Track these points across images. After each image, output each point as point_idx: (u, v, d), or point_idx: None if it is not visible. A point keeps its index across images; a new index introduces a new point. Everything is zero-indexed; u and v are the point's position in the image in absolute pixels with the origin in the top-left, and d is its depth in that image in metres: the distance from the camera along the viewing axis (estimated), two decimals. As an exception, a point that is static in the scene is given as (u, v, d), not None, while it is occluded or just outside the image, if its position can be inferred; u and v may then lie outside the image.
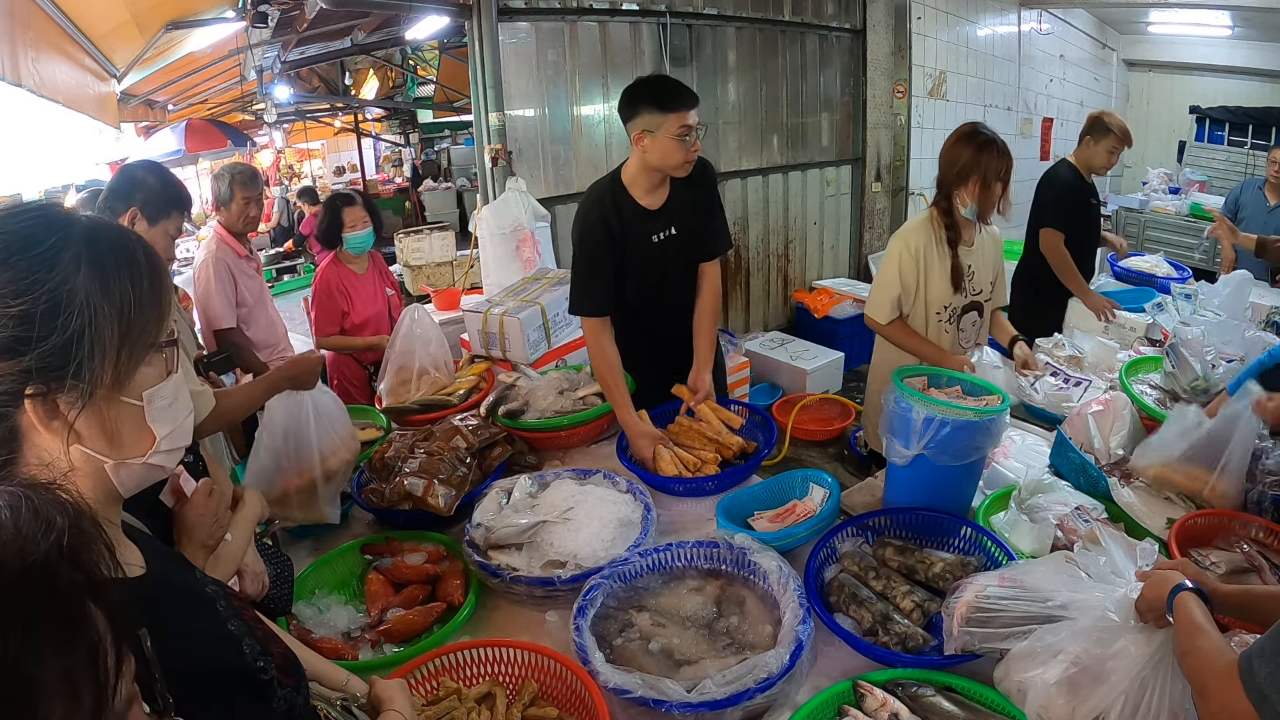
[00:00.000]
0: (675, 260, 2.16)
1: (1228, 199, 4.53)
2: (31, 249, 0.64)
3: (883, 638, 1.33)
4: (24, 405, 0.63)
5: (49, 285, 0.63)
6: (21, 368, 0.62)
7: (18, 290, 0.62)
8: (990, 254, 2.30)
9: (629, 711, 1.24)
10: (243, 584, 1.13)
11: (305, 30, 4.98)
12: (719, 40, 4.51)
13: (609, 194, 2.07)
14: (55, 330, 0.63)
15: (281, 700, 0.75)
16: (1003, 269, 2.37)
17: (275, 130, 9.02)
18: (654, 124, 1.93)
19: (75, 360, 0.64)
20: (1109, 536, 1.26)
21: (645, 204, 2.08)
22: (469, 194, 9.70)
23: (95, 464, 0.68)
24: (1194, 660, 0.92)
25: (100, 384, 0.66)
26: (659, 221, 2.10)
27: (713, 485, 1.90)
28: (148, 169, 2.00)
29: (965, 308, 2.28)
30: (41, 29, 3.07)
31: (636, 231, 2.08)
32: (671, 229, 2.12)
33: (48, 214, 0.68)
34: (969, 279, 2.24)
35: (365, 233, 2.93)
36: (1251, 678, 0.80)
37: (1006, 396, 1.64)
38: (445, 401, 2.37)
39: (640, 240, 2.09)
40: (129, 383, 0.69)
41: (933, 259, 2.20)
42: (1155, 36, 7.67)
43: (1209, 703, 0.87)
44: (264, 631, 0.80)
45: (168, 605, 0.71)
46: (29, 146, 7.39)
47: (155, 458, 0.72)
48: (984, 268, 2.27)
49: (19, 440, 0.64)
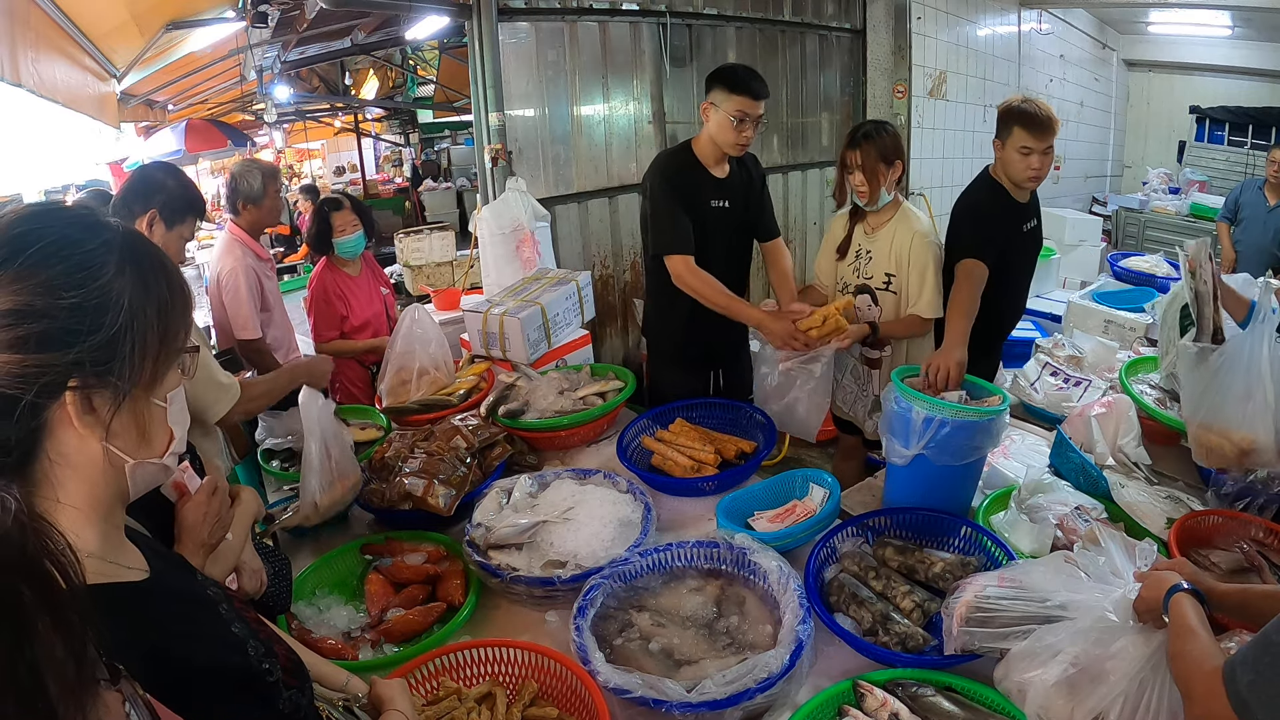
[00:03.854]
0: (725, 230, 2.41)
1: (1228, 199, 4.54)
2: (81, 247, 0.66)
3: (883, 638, 1.33)
4: (62, 399, 0.64)
5: (99, 283, 0.65)
6: (69, 359, 0.63)
7: (69, 284, 0.64)
8: (894, 250, 2.28)
9: (629, 711, 1.24)
10: (241, 581, 1.13)
11: (305, 30, 4.97)
12: (719, 40, 4.51)
13: (680, 156, 2.39)
14: (103, 326, 0.65)
15: (287, 702, 0.75)
16: (928, 278, 2.22)
17: (275, 130, 9.01)
18: (720, 100, 2.25)
19: (119, 358, 0.66)
20: (1109, 536, 1.26)
21: (714, 172, 2.38)
22: (469, 194, 9.68)
23: (116, 463, 0.69)
24: (1182, 664, 0.92)
25: (138, 383, 0.68)
26: (719, 191, 2.38)
27: (712, 485, 1.90)
28: (166, 172, 1.97)
29: (859, 288, 2.38)
30: (41, 29, 3.07)
31: (697, 194, 2.35)
32: (726, 202, 2.39)
33: (88, 217, 0.69)
34: (861, 259, 2.37)
35: (356, 236, 2.91)
36: (1234, 684, 0.81)
37: (1006, 396, 1.64)
38: (445, 401, 2.37)
39: (700, 203, 2.35)
40: (160, 384, 0.71)
41: (837, 230, 2.47)
42: (1155, 36, 7.66)
43: (1194, 707, 0.88)
44: (268, 634, 0.80)
45: (172, 609, 0.71)
46: (29, 146, 7.40)
47: (169, 458, 0.74)
48: (881, 259, 2.32)
49: (44, 435, 0.65)
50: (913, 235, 2.26)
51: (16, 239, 0.64)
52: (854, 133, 2.27)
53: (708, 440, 2.05)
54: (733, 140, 2.26)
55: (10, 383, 0.61)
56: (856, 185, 2.25)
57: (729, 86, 2.23)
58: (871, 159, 2.20)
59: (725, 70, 2.31)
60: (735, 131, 2.24)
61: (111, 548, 0.70)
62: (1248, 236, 4.24)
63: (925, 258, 2.24)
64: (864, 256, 2.36)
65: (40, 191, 8.05)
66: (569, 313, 2.76)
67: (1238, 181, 4.99)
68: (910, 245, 2.25)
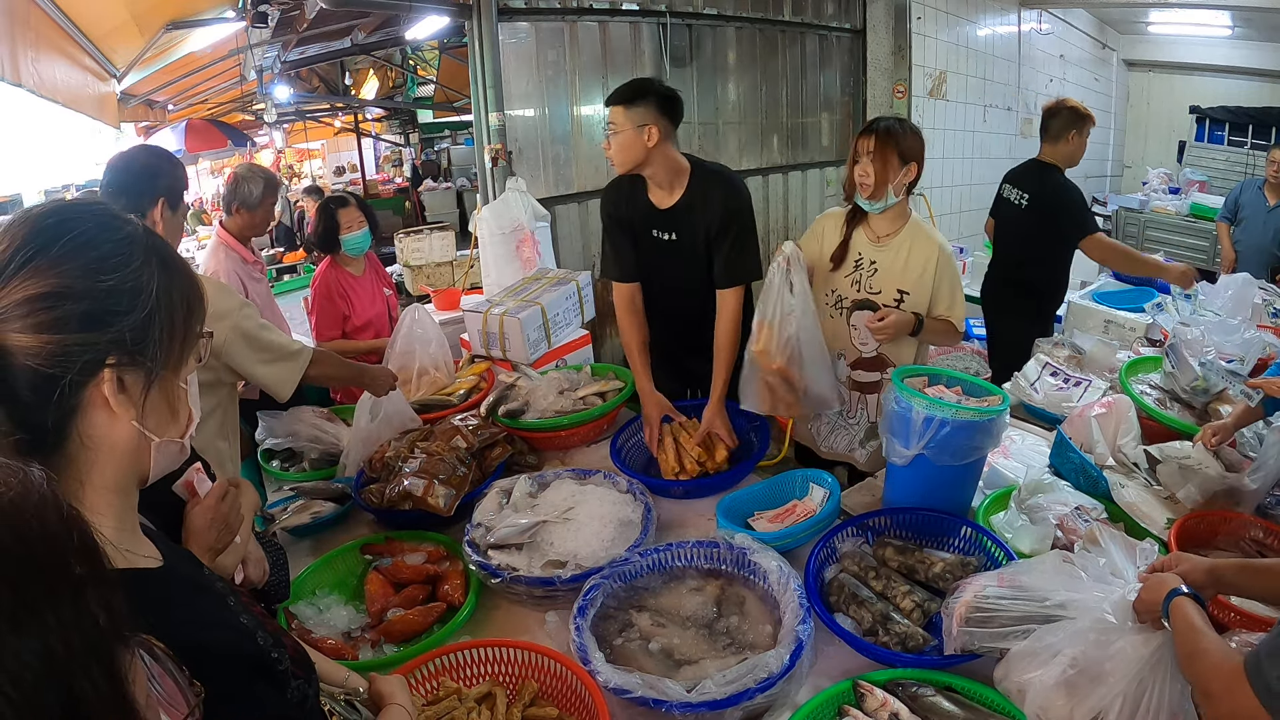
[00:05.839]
0: (672, 263, 2.18)
1: (1228, 199, 4.53)
2: (110, 236, 0.70)
3: (883, 638, 1.33)
4: (99, 378, 0.67)
5: (131, 268, 0.69)
6: (109, 338, 0.67)
7: (105, 268, 0.68)
8: (910, 265, 2.02)
9: (629, 711, 1.24)
10: (246, 570, 1.13)
11: (305, 30, 4.97)
12: (719, 40, 4.51)
13: (628, 179, 2.16)
14: (136, 307, 0.69)
15: (295, 692, 0.77)
16: (957, 292, 2.06)
17: (275, 130, 9.02)
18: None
19: (150, 339, 0.70)
20: (1109, 536, 1.26)
21: (654, 200, 2.16)
22: (469, 194, 9.67)
23: (141, 444, 0.72)
24: (1199, 663, 0.91)
25: (168, 364, 0.72)
26: (663, 221, 2.16)
27: (712, 485, 1.90)
28: (158, 155, 1.94)
29: (859, 303, 2.08)
30: (41, 29, 3.07)
31: (641, 222, 2.19)
32: (672, 234, 2.15)
33: (109, 211, 0.73)
34: (863, 271, 2.07)
35: (361, 233, 2.92)
36: (1260, 677, 0.80)
37: (1006, 396, 1.64)
38: (445, 401, 2.37)
39: (644, 233, 2.19)
40: (184, 366, 0.76)
41: (830, 233, 2.14)
42: (1155, 36, 7.66)
43: (1217, 705, 0.87)
44: (274, 626, 0.81)
45: (187, 596, 0.74)
46: (29, 146, 7.39)
47: (188, 438, 0.78)
48: (892, 273, 2.03)
49: (77, 416, 0.67)
50: (937, 249, 2.01)
51: (50, 228, 0.67)
52: (873, 121, 2.02)
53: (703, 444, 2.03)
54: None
55: (51, 362, 0.64)
56: (861, 177, 1.99)
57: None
58: (886, 152, 1.95)
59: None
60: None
61: (127, 534, 0.72)
62: (1247, 236, 4.24)
63: (953, 270, 2.04)
64: (867, 268, 2.07)
65: (40, 191, 8.04)
66: (569, 313, 2.76)
67: (1237, 181, 4.98)
68: (936, 259, 2.00)
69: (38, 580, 0.43)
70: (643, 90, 2.03)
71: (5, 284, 0.64)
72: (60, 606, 0.43)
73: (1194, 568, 1.08)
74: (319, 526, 1.86)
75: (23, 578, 0.42)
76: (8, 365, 0.64)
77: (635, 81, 2.08)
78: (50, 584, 0.44)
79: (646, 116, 2.00)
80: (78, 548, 0.46)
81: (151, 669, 0.54)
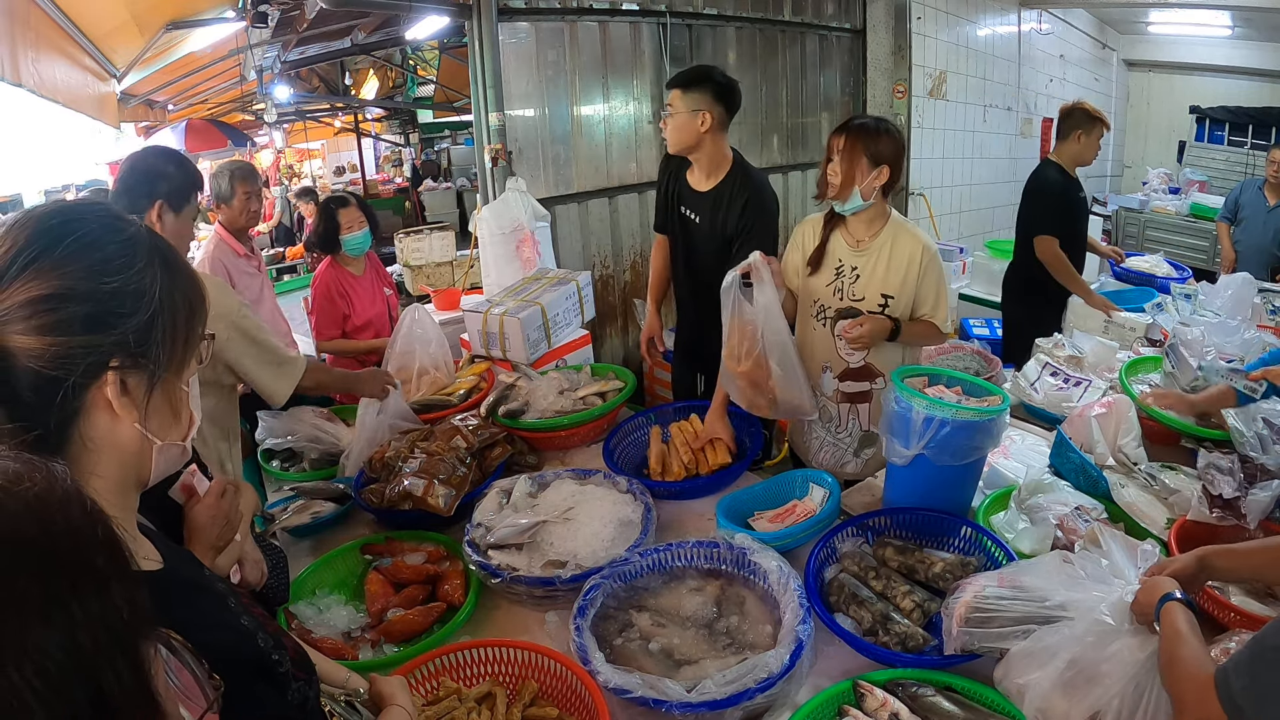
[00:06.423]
0: (692, 244, 2.37)
1: (1228, 199, 4.54)
2: (114, 238, 0.70)
3: (883, 638, 1.33)
4: (101, 380, 0.67)
5: (135, 269, 0.69)
6: (112, 340, 0.67)
7: (109, 270, 0.68)
8: (893, 267, 1.95)
9: (629, 711, 1.24)
10: (244, 572, 1.13)
11: (305, 30, 4.97)
12: (719, 40, 4.51)
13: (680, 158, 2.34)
14: (140, 309, 0.69)
15: (295, 693, 0.77)
16: (942, 291, 1.99)
17: (275, 130, 9.01)
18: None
19: (153, 341, 0.70)
20: (1109, 537, 1.26)
21: (691, 180, 2.34)
22: (469, 194, 9.67)
23: (144, 446, 0.72)
24: (1174, 671, 0.93)
25: (170, 366, 0.72)
26: (693, 202, 2.34)
27: (711, 486, 1.90)
28: (163, 157, 1.91)
29: (842, 312, 2.00)
30: (41, 29, 3.07)
31: (676, 196, 2.38)
32: (696, 216, 2.33)
33: (111, 212, 0.73)
34: (845, 279, 2.00)
35: (362, 233, 2.92)
36: (1227, 690, 0.82)
37: (1006, 396, 1.64)
38: (445, 401, 2.37)
39: (675, 207, 2.39)
40: (186, 369, 0.75)
41: (809, 238, 2.08)
42: (1155, 36, 7.66)
43: (1186, 714, 0.89)
44: (275, 628, 0.81)
45: (189, 598, 0.74)
46: (29, 146, 7.39)
47: (188, 441, 0.78)
48: (874, 278, 1.96)
49: (79, 419, 0.67)
50: (920, 248, 1.94)
51: (53, 230, 0.67)
52: (848, 119, 1.98)
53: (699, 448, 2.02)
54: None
55: (54, 364, 0.64)
56: (830, 176, 1.94)
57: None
58: (855, 152, 1.89)
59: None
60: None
61: (128, 536, 0.71)
62: (1247, 236, 4.25)
63: (938, 269, 1.97)
64: (848, 275, 1.99)
65: (40, 191, 8.03)
66: (569, 313, 2.76)
67: (1237, 181, 4.99)
68: (919, 259, 1.93)
69: (63, 574, 0.43)
70: (701, 77, 2.18)
71: (8, 285, 0.64)
72: (85, 600, 0.43)
73: (1185, 562, 1.09)
74: (319, 526, 1.86)
75: (49, 572, 0.42)
76: (10, 367, 0.63)
77: (696, 67, 2.27)
78: (75, 578, 0.43)
79: (702, 102, 2.13)
80: (102, 542, 0.46)
81: (169, 662, 0.54)
